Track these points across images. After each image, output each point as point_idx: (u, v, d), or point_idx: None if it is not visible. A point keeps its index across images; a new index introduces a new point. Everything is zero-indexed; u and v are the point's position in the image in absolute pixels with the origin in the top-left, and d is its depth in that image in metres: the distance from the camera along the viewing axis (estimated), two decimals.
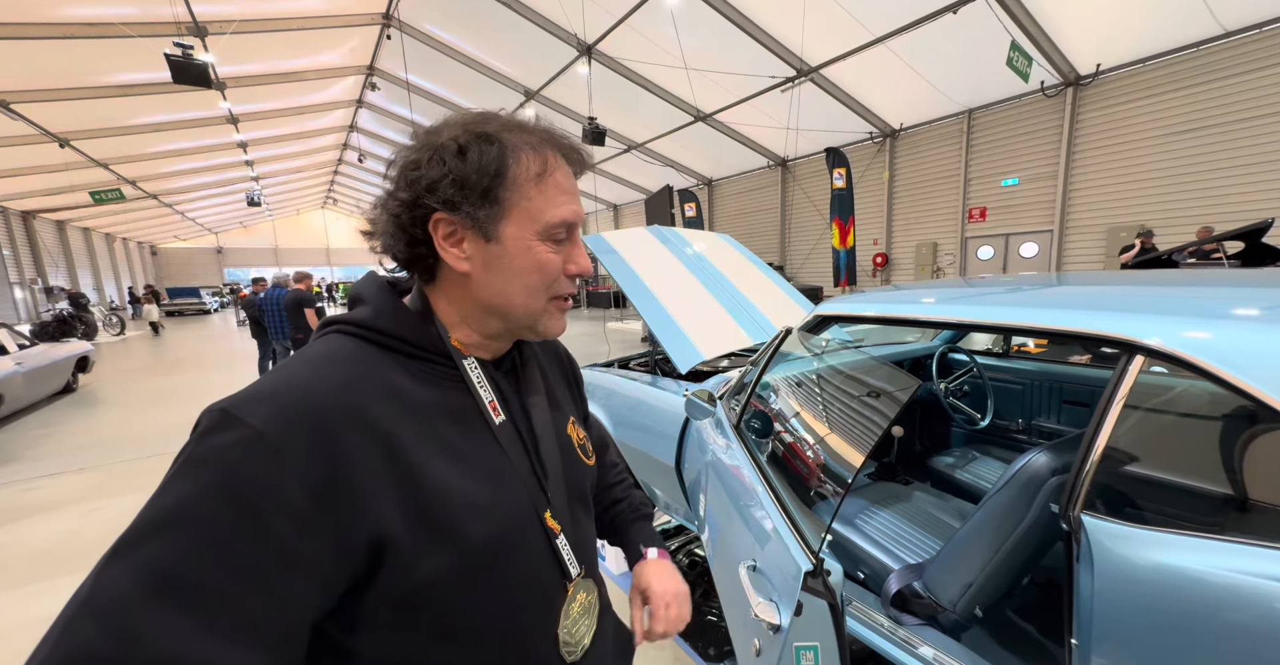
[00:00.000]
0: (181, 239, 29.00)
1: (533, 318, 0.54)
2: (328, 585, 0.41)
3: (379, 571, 0.43)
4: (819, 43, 9.22)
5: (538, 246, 0.52)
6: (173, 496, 0.38)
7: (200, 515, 0.37)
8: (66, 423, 5.27)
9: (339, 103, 14.77)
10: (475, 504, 0.48)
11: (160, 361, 9.26)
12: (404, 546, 0.43)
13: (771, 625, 0.83)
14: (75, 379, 6.78)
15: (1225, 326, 0.78)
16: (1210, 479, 0.87)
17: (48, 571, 2.50)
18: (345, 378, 0.46)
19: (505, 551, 0.50)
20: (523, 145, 0.51)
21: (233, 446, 0.39)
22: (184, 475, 0.39)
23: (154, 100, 10.68)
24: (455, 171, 0.49)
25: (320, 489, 0.40)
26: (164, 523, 0.37)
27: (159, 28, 8.25)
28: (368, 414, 0.44)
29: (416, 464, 0.46)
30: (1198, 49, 7.61)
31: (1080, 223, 9.36)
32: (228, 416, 0.40)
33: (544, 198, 0.51)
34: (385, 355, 0.50)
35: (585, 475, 0.66)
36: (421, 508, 0.45)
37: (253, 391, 0.43)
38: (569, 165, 0.55)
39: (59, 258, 17.93)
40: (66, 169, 12.82)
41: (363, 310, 0.53)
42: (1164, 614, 0.74)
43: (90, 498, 3.35)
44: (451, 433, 0.50)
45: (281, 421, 0.40)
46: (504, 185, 0.50)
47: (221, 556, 0.36)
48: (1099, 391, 2.00)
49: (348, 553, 0.41)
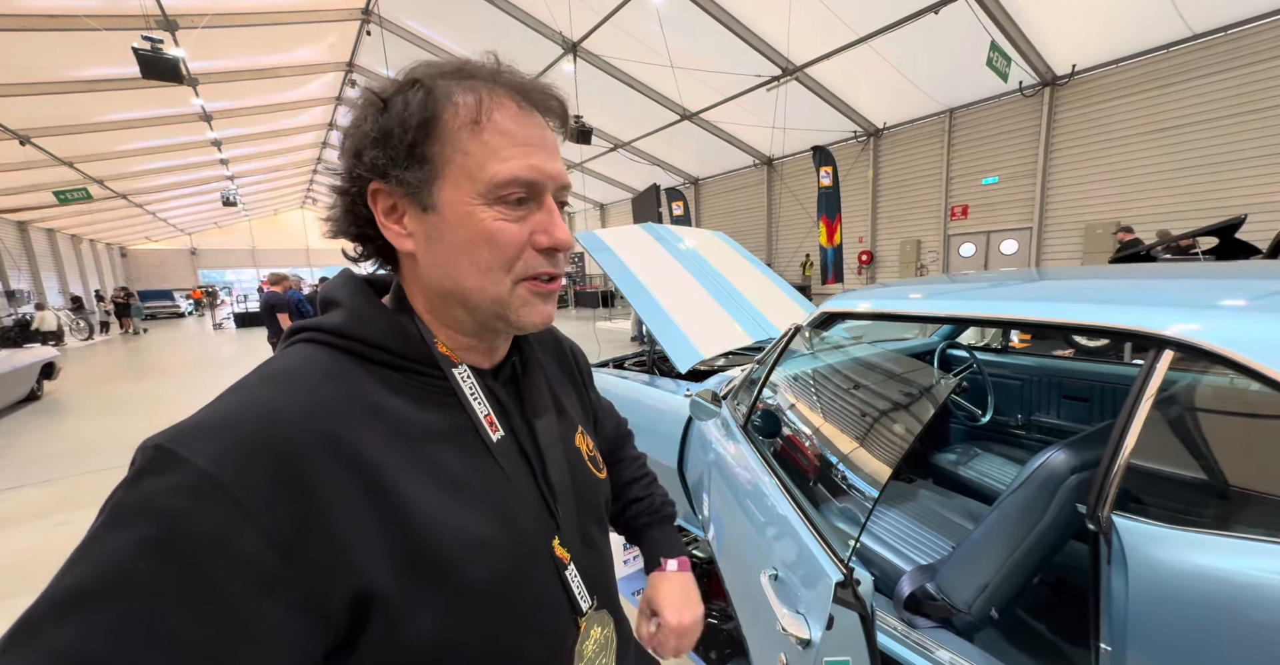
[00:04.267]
0: (153, 240, 28.04)
1: (499, 305, 0.44)
2: (301, 657, 0.33)
3: (363, 632, 0.36)
4: (804, 42, 9.27)
5: (481, 212, 0.42)
6: (96, 559, 0.30)
7: (132, 582, 0.29)
8: (30, 432, 5.01)
9: (318, 100, 14.40)
10: (475, 540, 0.41)
11: (131, 367, 8.92)
12: (393, 600, 0.36)
13: (801, 640, 0.78)
14: (40, 386, 6.48)
15: (1260, 319, 0.76)
16: (1251, 478, 0.85)
17: (11, 589, 2.36)
18: (316, 398, 0.38)
19: (509, 591, 0.43)
20: (457, 87, 0.42)
21: (171, 493, 0.31)
22: (110, 531, 0.30)
23: (122, 96, 10.25)
24: (377, 128, 0.41)
25: (286, 540, 0.32)
26: (82, 595, 0.29)
27: (126, 21, 7.92)
28: (344, 440, 0.37)
29: (405, 497, 0.38)
30: (1168, 50, 7.83)
31: (1058, 220, 9.57)
32: (165, 454, 0.32)
33: (484, 149, 0.41)
34: (364, 368, 0.42)
35: (598, 491, 0.58)
36: (413, 550, 0.38)
37: (199, 421, 0.35)
38: (524, 108, 0.43)
39: (21, 260, 17.17)
40: (29, 167, 12.24)
41: (336, 315, 0.44)
42: (1203, 619, 0.71)
43: (56, 511, 3.18)
44: (445, 456, 0.43)
45: (235, 458, 0.33)
46: (432, 138, 0.41)
47: (162, 635, 0.28)
48: (1095, 387, 2.01)
49: (323, 615, 0.34)
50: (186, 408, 0.36)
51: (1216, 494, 0.87)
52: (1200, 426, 0.94)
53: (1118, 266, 1.56)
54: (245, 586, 0.31)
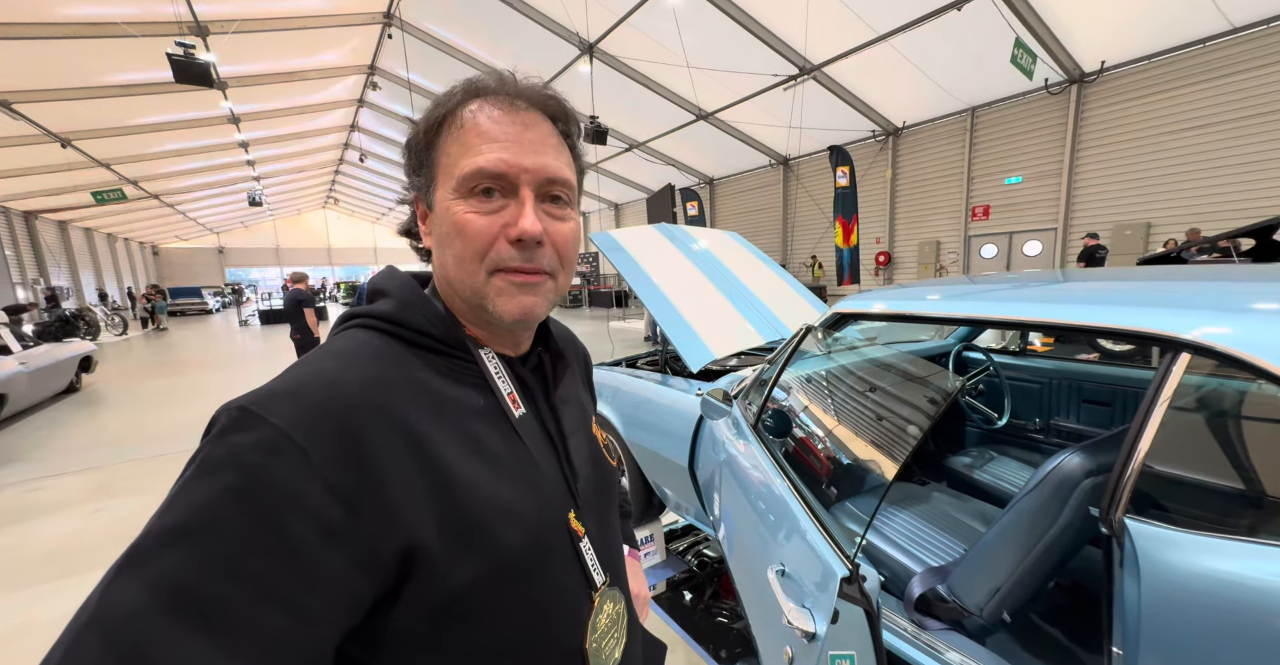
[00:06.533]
0: (183, 239, 29.00)
1: (477, 295, 0.47)
2: (355, 601, 0.37)
3: (406, 585, 0.40)
4: (822, 40, 9.19)
5: (455, 206, 0.46)
6: (187, 503, 0.34)
7: (218, 524, 0.33)
8: (70, 423, 5.25)
9: (340, 102, 14.75)
10: (510, 510, 0.45)
11: (163, 361, 9.25)
12: (436, 557, 0.40)
13: (806, 633, 0.80)
14: (79, 379, 6.77)
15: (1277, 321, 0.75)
16: (1267, 482, 0.84)
17: (53, 572, 2.48)
18: (372, 374, 0.42)
19: (536, 560, 0.47)
20: (461, 100, 0.47)
21: (253, 448, 0.35)
22: (200, 479, 0.35)
23: (156, 100, 10.66)
24: (408, 143, 0.48)
25: (349, 495, 0.37)
26: (177, 532, 0.33)
27: (161, 27, 8.23)
28: (397, 413, 0.41)
29: (449, 466, 0.42)
30: (1204, 45, 7.56)
31: (1085, 220, 9.32)
32: (247, 415, 0.37)
33: (460, 148, 0.45)
34: (410, 351, 0.47)
35: (612, 477, 0.63)
36: (455, 515, 0.42)
37: (274, 388, 0.39)
38: (510, 110, 0.46)
39: (61, 258, 17.93)
40: (68, 169, 12.80)
41: (385, 303, 0.50)
42: (1216, 623, 0.71)
43: (94, 498, 3.33)
44: (483, 432, 0.47)
45: (307, 421, 0.37)
46: (431, 147, 0.47)
47: (241, 571, 0.33)
48: (1118, 390, 1.97)
49: (377, 565, 0.38)
50: (218, 402, 0.40)
51: (1231, 498, 0.86)
52: (1215, 430, 0.93)
53: (1139, 268, 1.53)
54: (311, 533, 0.35)
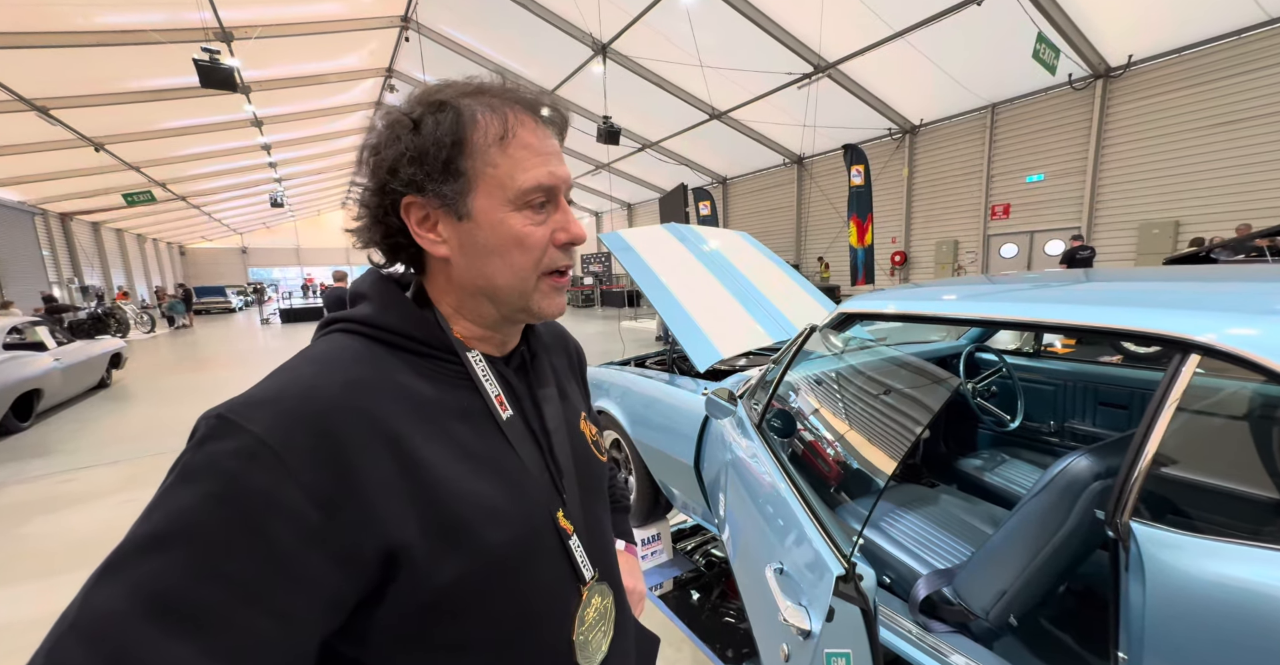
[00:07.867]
0: (208, 239, 29.84)
1: (523, 298, 0.50)
2: (337, 601, 0.39)
3: (391, 584, 0.41)
4: (837, 38, 9.08)
5: (512, 218, 0.48)
6: (168, 509, 0.35)
7: (198, 529, 0.34)
8: (101, 417, 5.44)
9: (359, 105, 15.03)
10: (492, 508, 0.46)
11: (190, 358, 9.54)
12: (418, 556, 0.41)
13: (801, 630, 0.80)
14: (109, 375, 7.02)
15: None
16: (1271, 486, 0.82)
17: (85, 560, 2.59)
18: (351, 378, 0.43)
19: (520, 557, 0.48)
20: (480, 107, 0.47)
21: (231, 455, 0.36)
22: (180, 486, 0.36)
23: (182, 105, 11.00)
24: (412, 147, 0.46)
25: (326, 498, 0.38)
26: (158, 537, 0.34)
27: (187, 34, 8.49)
28: (377, 415, 0.42)
29: (430, 467, 0.43)
30: (1239, 37, 7.30)
31: (1109, 219, 9.06)
32: (225, 423, 0.38)
33: (511, 161, 0.47)
34: (391, 354, 0.48)
35: (600, 472, 0.63)
36: (436, 514, 0.42)
37: (252, 395, 0.40)
38: (538, 122, 0.50)
39: (94, 258, 18.60)
40: (101, 172, 13.28)
41: (365, 307, 0.50)
42: (1222, 628, 0.70)
43: (124, 489, 3.46)
44: (464, 433, 0.48)
45: (284, 426, 0.38)
46: (465, 154, 0.46)
47: (221, 574, 0.34)
48: (1136, 393, 1.92)
49: (358, 566, 0.39)
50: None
51: (1238, 501, 0.84)
52: (1223, 433, 0.91)
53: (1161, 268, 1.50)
54: (290, 536, 0.36)
